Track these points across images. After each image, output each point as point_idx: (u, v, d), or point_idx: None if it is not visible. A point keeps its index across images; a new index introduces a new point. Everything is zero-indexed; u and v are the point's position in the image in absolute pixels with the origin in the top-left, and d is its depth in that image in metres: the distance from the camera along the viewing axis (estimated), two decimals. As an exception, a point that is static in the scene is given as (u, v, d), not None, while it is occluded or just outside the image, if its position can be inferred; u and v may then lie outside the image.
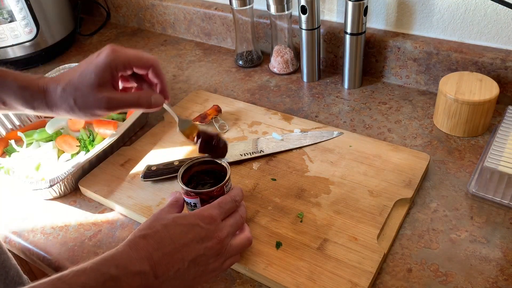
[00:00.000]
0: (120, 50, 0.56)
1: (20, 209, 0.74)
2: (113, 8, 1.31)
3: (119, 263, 0.46)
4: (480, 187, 0.66)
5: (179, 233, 0.50)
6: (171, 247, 0.49)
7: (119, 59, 0.55)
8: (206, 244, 0.51)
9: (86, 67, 0.56)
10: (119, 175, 0.76)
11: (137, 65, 0.57)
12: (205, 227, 0.52)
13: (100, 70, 0.55)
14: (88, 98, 0.55)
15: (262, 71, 1.03)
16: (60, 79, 0.57)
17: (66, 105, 0.56)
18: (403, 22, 0.90)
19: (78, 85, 0.55)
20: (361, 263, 0.57)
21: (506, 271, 0.57)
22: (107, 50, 0.56)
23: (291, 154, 0.76)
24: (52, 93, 0.57)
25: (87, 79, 0.55)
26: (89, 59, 0.57)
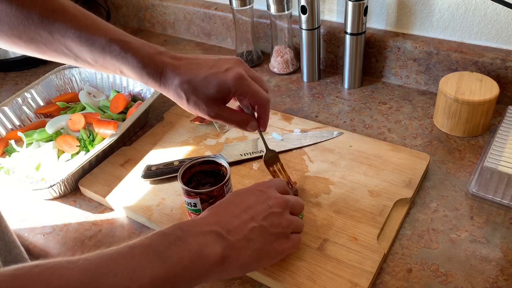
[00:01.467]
0: (246, 80, 0.57)
1: (20, 209, 0.74)
2: (113, 8, 1.31)
3: (184, 227, 0.47)
4: (480, 187, 0.66)
5: (241, 198, 0.54)
6: (237, 210, 0.51)
7: (242, 89, 0.57)
8: (268, 203, 0.53)
9: (211, 75, 0.56)
10: (119, 175, 0.76)
11: (251, 99, 0.59)
12: (264, 191, 0.55)
13: (222, 90, 0.56)
14: (201, 104, 0.57)
15: (262, 71, 1.03)
16: (181, 69, 0.57)
17: (177, 98, 0.58)
18: (403, 22, 0.90)
19: (197, 89, 0.56)
20: (361, 263, 0.57)
21: (506, 271, 0.57)
22: (236, 72, 0.57)
23: (291, 154, 0.76)
24: (168, 80, 0.57)
25: (207, 90, 0.56)
26: (216, 67, 0.57)
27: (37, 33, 0.56)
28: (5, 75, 1.13)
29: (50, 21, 0.55)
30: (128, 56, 0.56)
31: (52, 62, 1.12)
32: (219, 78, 0.56)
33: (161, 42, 1.21)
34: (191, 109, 0.59)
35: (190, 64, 0.58)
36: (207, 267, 0.46)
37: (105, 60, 0.57)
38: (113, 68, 0.58)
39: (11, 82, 1.10)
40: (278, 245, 0.53)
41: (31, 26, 0.55)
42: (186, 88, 0.56)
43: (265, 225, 0.52)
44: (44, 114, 0.93)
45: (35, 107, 0.92)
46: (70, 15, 0.56)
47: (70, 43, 0.56)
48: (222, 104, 0.59)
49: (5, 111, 0.87)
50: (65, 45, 0.56)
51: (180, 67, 0.57)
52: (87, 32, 0.56)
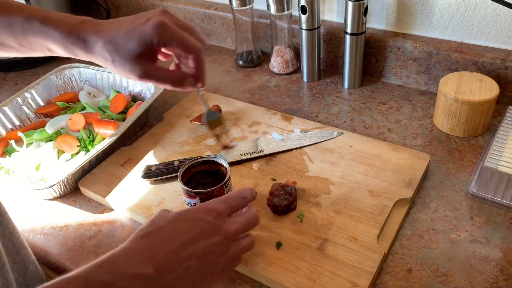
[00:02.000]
0: (169, 25, 0.54)
1: (20, 209, 0.74)
2: (113, 8, 1.31)
3: (113, 268, 0.43)
4: (480, 187, 0.66)
5: (184, 228, 0.48)
6: (176, 244, 0.46)
7: (165, 36, 0.53)
8: (213, 239, 0.48)
9: (131, 29, 0.54)
10: (119, 175, 0.76)
11: (179, 47, 0.55)
12: (212, 221, 0.49)
13: (144, 41, 0.53)
14: (125, 63, 0.54)
15: (262, 71, 1.03)
16: (102, 31, 0.55)
17: (104, 60, 0.56)
18: (403, 22, 0.90)
19: (119, 47, 0.54)
20: (361, 263, 0.57)
21: (506, 271, 0.57)
22: (156, 20, 0.53)
23: (291, 154, 0.76)
24: (91, 45, 0.55)
25: (129, 45, 0.53)
26: (137, 20, 0.55)
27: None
28: (5, 75, 1.13)
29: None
30: (49, 29, 0.55)
31: (52, 62, 1.12)
32: (139, 30, 0.53)
33: (161, 42, 1.20)
34: (120, 71, 0.56)
35: (111, 24, 0.55)
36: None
37: (28, 39, 0.55)
38: (39, 47, 0.57)
39: (11, 82, 1.10)
40: (209, 279, 0.49)
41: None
42: (110, 48, 0.54)
43: (201, 264, 0.47)
44: (44, 114, 0.93)
45: (35, 107, 0.92)
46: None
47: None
48: (150, 61, 0.55)
49: (5, 111, 0.87)
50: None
51: (102, 29, 0.55)
52: (2, 14, 0.54)
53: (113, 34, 0.54)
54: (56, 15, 0.56)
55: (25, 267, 0.56)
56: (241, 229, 0.52)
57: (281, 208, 0.64)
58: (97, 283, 0.41)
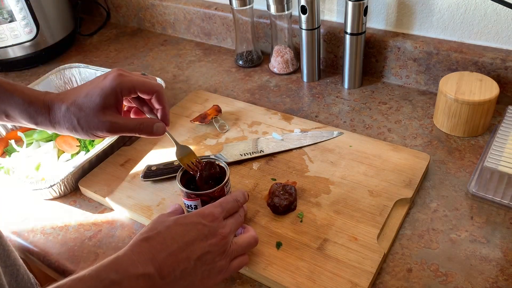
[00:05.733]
0: (126, 75, 0.57)
1: (20, 209, 0.74)
2: (113, 8, 1.31)
3: (120, 268, 0.45)
4: (480, 187, 0.66)
5: (182, 232, 0.51)
6: (175, 246, 0.49)
7: (125, 84, 0.56)
8: (210, 241, 0.51)
9: (92, 88, 0.56)
10: (119, 175, 0.76)
11: (142, 90, 0.58)
12: (208, 225, 0.52)
13: (106, 94, 0.56)
14: (92, 120, 0.56)
15: (262, 71, 1.03)
16: (65, 97, 0.58)
17: (69, 124, 0.57)
18: (403, 22, 0.90)
19: (82, 106, 0.56)
20: (361, 263, 0.57)
21: (506, 271, 0.57)
22: (113, 74, 0.57)
23: (291, 154, 0.76)
24: (56, 111, 0.57)
25: (92, 101, 0.56)
26: (95, 81, 0.58)
27: None
28: (5, 75, 1.13)
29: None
30: (13, 96, 0.56)
31: (53, 62, 1.12)
32: (99, 86, 0.56)
33: (161, 42, 1.21)
34: (87, 132, 0.57)
35: (72, 91, 0.59)
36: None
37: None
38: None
39: (11, 82, 1.10)
40: (209, 280, 0.51)
41: None
42: (74, 110, 0.56)
43: (198, 265, 0.50)
44: (44, 114, 0.92)
45: (35, 107, 0.92)
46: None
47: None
48: (115, 111, 0.57)
49: (5, 111, 0.87)
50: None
51: (64, 97, 0.58)
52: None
53: (75, 97, 0.57)
54: (20, 85, 0.58)
55: (16, 270, 0.56)
56: (233, 229, 0.55)
57: (281, 208, 0.64)
58: (107, 280, 0.44)
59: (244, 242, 0.56)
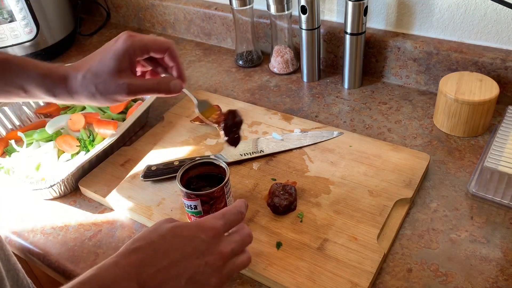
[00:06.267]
0: (137, 35, 0.57)
1: (20, 209, 0.74)
2: (113, 8, 1.31)
3: (99, 284, 0.41)
4: (480, 187, 0.66)
5: (176, 245, 0.46)
6: (166, 262, 0.44)
7: (136, 44, 0.56)
8: (206, 258, 0.46)
9: (104, 53, 0.56)
10: (119, 175, 0.76)
11: (154, 48, 0.57)
12: (207, 240, 0.47)
13: (119, 56, 0.55)
14: (109, 84, 0.56)
15: (262, 71, 1.03)
16: (80, 66, 0.57)
17: (87, 92, 0.57)
18: (403, 22, 0.90)
19: (98, 72, 0.56)
20: (361, 263, 0.57)
21: (506, 271, 0.57)
22: (124, 36, 0.56)
23: (291, 154, 0.76)
24: (72, 81, 0.57)
25: (106, 66, 0.55)
26: (106, 46, 0.57)
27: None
28: (5, 75, 1.13)
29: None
30: (27, 70, 0.56)
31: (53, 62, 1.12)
32: (111, 49, 0.56)
33: (161, 42, 1.20)
34: (106, 98, 0.57)
35: (85, 60, 0.58)
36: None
37: (5, 80, 0.57)
38: (15, 89, 0.58)
39: (11, 82, 1.10)
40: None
41: None
42: (90, 77, 0.56)
43: (190, 283, 0.45)
44: (44, 114, 0.93)
45: (35, 107, 0.92)
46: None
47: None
48: (130, 73, 0.57)
49: (5, 111, 0.87)
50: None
51: (79, 65, 0.58)
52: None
53: (88, 64, 0.57)
54: (31, 59, 0.58)
55: (16, 274, 0.56)
56: (237, 248, 0.49)
57: (281, 208, 0.64)
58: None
59: (240, 265, 0.50)
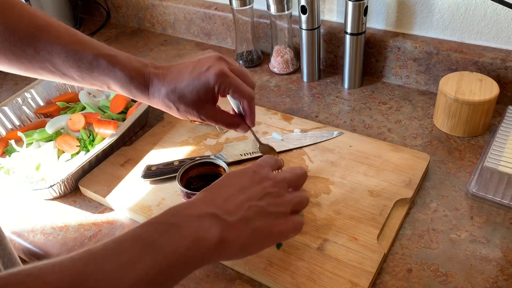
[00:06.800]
0: (228, 76, 0.57)
1: (20, 209, 0.74)
2: (113, 8, 1.31)
3: (177, 211, 0.45)
4: (480, 187, 0.66)
5: (235, 180, 0.52)
6: (231, 190, 0.50)
7: (225, 85, 0.57)
8: (263, 184, 0.52)
9: (193, 78, 0.57)
10: (119, 175, 0.76)
11: (235, 94, 0.59)
12: (258, 171, 0.53)
13: (207, 90, 0.57)
14: (190, 110, 0.58)
15: (262, 71, 1.03)
16: (165, 78, 0.58)
17: (166, 107, 0.59)
18: (403, 22, 0.90)
19: (182, 96, 0.57)
20: (361, 263, 0.57)
21: (506, 271, 0.57)
22: (217, 69, 0.56)
23: (291, 154, 0.76)
24: (155, 91, 0.58)
25: (192, 95, 0.57)
26: (197, 68, 0.57)
27: (22, 49, 0.55)
28: (5, 75, 1.13)
29: (36, 38, 0.55)
30: (115, 70, 0.57)
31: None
32: (201, 79, 0.56)
33: (161, 42, 1.21)
34: (183, 116, 0.59)
35: (172, 72, 0.58)
36: (204, 252, 0.44)
37: (92, 75, 0.57)
38: (100, 84, 0.59)
39: (11, 82, 1.10)
40: (278, 225, 0.50)
41: (16, 42, 0.55)
42: (173, 98, 0.57)
43: (262, 205, 0.49)
44: (44, 114, 0.93)
45: (35, 107, 0.92)
46: (56, 32, 0.56)
47: (57, 59, 0.56)
48: (211, 104, 0.59)
49: (5, 111, 0.87)
50: (51, 62, 0.56)
51: (165, 76, 0.58)
52: (73, 47, 0.56)
53: (176, 83, 0.57)
54: (122, 55, 0.59)
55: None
56: (288, 175, 0.55)
57: None
58: (165, 224, 0.43)
59: (297, 197, 0.55)
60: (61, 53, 0.56)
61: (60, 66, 0.57)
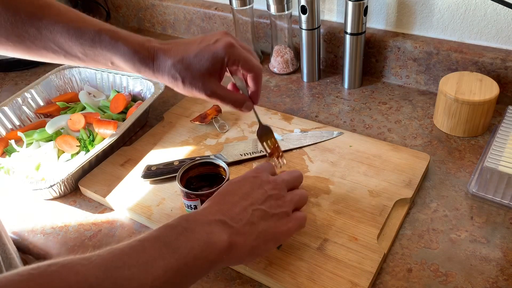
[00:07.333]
0: (237, 47, 0.57)
1: (20, 209, 0.74)
2: (113, 8, 1.31)
3: (190, 218, 0.48)
4: (480, 187, 0.66)
5: (237, 187, 0.54)
6: (235, 198, 0.52)
7: (234, 56, 0.57)
8: (265, 187, 0.54)
9: (202, 49, 0.56)
10: (119, 175, 0.76)
11: (245, 67, 0.59)
12: (258, 176, 0.55)
13: (216, 61, 0.56)
14: (197, 81, 0.57)
15: (262, 71, 1.03)
16: (171, 51, 0.57)
17: (172, 79, 0.58)
18: (403, 22, 0.90)
19: (190, 66, 0.56)
20: (361, 263, 0.57)
21: (506, 271, 0.57)
22: (226, 41, 0.57)
23: (291, 154, 0.76)
24: (160, 63, 0.57)
25: (201, 64, 0.56)
26: (205, 40, 0.57)
27: (25, 30, 0.56)
28: (5, 75, 1.13)
29: (37, 17, 0.55)
30: (118, 44, 0.57)
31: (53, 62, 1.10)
32: (210, 50, 0.56)
33: (161, 42, 1.21)
34: (188, 90, 0.58)
35: (179, 45, 0.58)
36: (216, 255, 0.46)
37: (95, 52, 0.57)
38: (103, 60, 0.58)
39: (11, 82, 1.10)
40: (282, 225, 0.53)
41: (18, 23, 0.55)
42: (180, 68, 0.56)
43: (265, 209, 0.52)
44: (44, 114, 0.93)
45: (35, 107, 0.92)
46: (57, 11, 0.56)
47: (59, 38, 0.56)
48: (218, 80, 0.59)
49: (5, 111, 0.87)
50: (54, 41, 0.56)
51: (171, 49, 0.57)
52: (75, 25, 0.56)
53: (183, 54, 0.57)
54: (123, 31, 0.59)
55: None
56: (286, 179, 0.57)
57: None
58: (180, 227, 0.46)
59: (297, 195, 0.57)
60: (63, 31, 0.56)
61: (63, 44, 0.57)
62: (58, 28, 0.56)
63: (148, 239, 0.44)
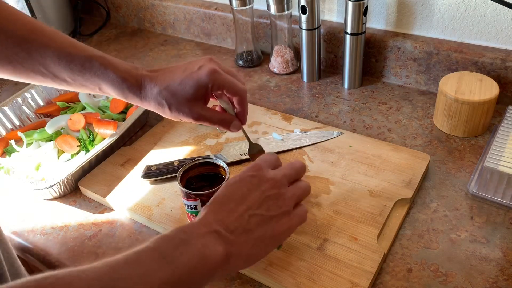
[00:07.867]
0: (220, 73, 0.58)
1: (20, 209, 0.74)
2: (113, 8, 1.31)
3: (187, 230, 0.47)
4: (480, 187, 0.66)
5: (234, 190, 0.52)
6: (232, 204, 0.50)
7: (218, 82, 0.58)
8: (263, 187, 0.52)
9: (186, 77, 0.58)
10: (119, 175, 0.76)
11: (230, 91, 0.59)
12: (256, 174, 0.53)
13: (200, 87, 0.57)
14: (183, 107, 0.58)
15: (262, 71, 1.03)
16: (157, 78, 0.59)
17: (158, 106, 0.59)
18: (403, 22, 0.90)
19: (175, 93, 0.58)
20: (361, 263, 0.57)
21: (506, 271, 0.57)
22: (208, 67, 0.58)
23: (291, 154, 0.76)
24: (147, 91, 0.59)
25: (185, 91, 0.57)
26: (189, 68, 0.59)
27: (15, 52, 0.56)
28: (5, 75, 1.13)
29: (29, 40, 0.56)
30: (108, 71, 0.58)
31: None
32: (193, 77, 0.57)
33: (161, 42, 1.21)
34: (175, 115, 0.60)
35: (165, 73, 0.59)
36: (212, 267, 0.46)
37: (84, 77, 0.58)
38: (92, 85, 0.59)
39: (11, 82, 1.10)
40: (282, 225, 0.52)
41: (9, 45, 0.56)
42: (166, 95, 0.58)
43: (262, 213, 0.51)
44: (44, 114, 0.93)
45: (35, 107, 0.92)
46: (49, 35, 0.57)
47: (49, 62, 0.57)
48: (203, 104, 0.60)
49: (5, 111, 0.87)
50: (43, 65, 0.57)
51: (157, 77, 0.59)
52: (66, 50, 0.57)
53: (169, 82, 0.58)
54: (113, 58, 0.60)
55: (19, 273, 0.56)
56: (288, 174, 0.55)
57: None
58: (177, 239, 0.46)
59: (299, 189, 0.55)
60: (54, 56, 0.57)
61: (52, 68, 0.57)
62: (48, 53, 0.56)
63: (144, 251, 0.43)
